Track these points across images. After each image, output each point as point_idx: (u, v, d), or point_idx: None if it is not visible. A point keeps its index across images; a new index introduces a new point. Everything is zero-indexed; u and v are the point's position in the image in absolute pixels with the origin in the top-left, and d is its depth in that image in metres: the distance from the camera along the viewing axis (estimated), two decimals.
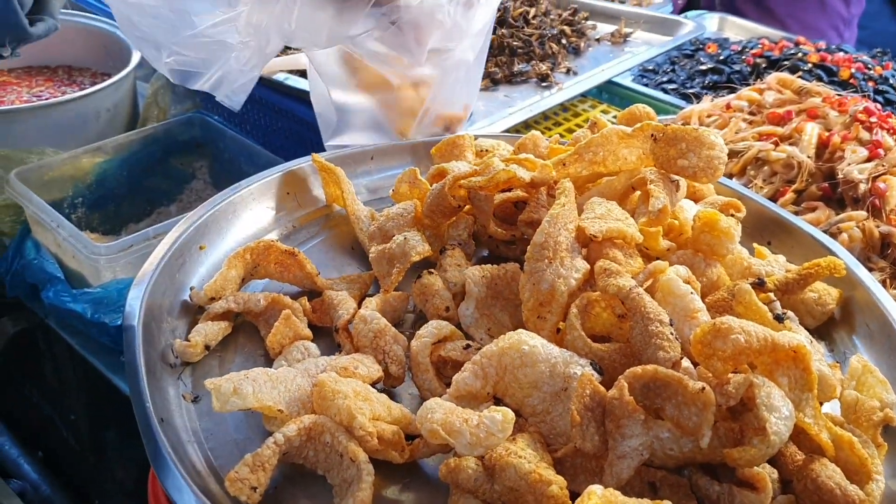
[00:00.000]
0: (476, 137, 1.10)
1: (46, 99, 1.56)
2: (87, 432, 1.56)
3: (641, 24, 1.76)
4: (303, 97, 1.34)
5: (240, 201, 0.96)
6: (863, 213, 1.13)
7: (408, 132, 1.20)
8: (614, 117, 1.70)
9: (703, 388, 0.64)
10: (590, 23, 1.74)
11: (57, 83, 1.64)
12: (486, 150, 1.06)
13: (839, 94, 1.33)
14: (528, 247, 0.82)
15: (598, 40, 1.70)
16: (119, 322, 1.20)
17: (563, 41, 1.59)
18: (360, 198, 1.06)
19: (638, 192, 0.91)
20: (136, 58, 1.54)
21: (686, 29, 1.72)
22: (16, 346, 1.44)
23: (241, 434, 0.72)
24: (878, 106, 1.27)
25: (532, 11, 1.58)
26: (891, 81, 1.75)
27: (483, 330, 0.81)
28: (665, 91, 1.80)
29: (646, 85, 1.82)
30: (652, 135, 0.89)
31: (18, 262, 1.33)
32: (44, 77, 1.66)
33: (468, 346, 0.76)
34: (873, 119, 1.22)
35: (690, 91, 1.79)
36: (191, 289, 0.84)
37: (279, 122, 1.44)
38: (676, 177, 0.89)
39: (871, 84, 1.71)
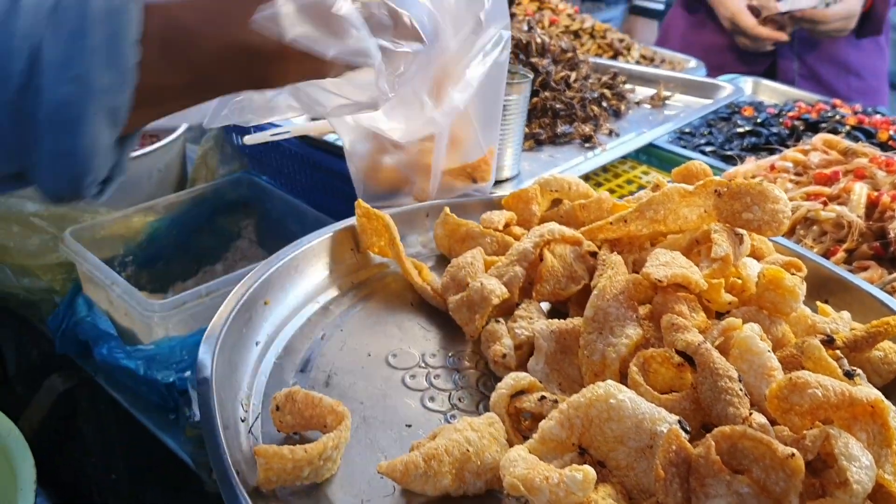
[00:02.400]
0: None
1: None
2: (127, 490, 1.55)
3: (679, 88, 1.78)
4: None
5: (302, 257, 0.97)
6: None
7: (426, 193, 1.21)
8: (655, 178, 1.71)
9: (793, 455, 0.63)
10: (628, 86, 1.77)
11: None
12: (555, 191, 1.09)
13: (886, 155, 1.33)
14: (582, 321, 0.83)
15: (637, 103, 1.72)
16: (171, 379, 1.20)
17: (604, 104, 1.62)
18: (415, 252, 1.08)
19: (702, 248, 0.92)
20: None
21: (725, 92, 1.74)
22: (62, 404, 1.44)
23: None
24: None
25: (573, 75, 1.60)
26: None
27: (555, 385, 0.81)
28: (703, 153, 1.82)
29: (684, 147, 1.83)
30: (716, 190, 0.90)
31: (70, 319, 1.34)
32: None
33: (543, 397, 0.76)
34: None
35: (729, 153, 1.80)
36: None
37: (330, 182, 1.46)
38: (741, 231, 0.90)
39: None
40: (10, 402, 1.27)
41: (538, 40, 1.57)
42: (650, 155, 1.78)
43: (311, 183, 1.53)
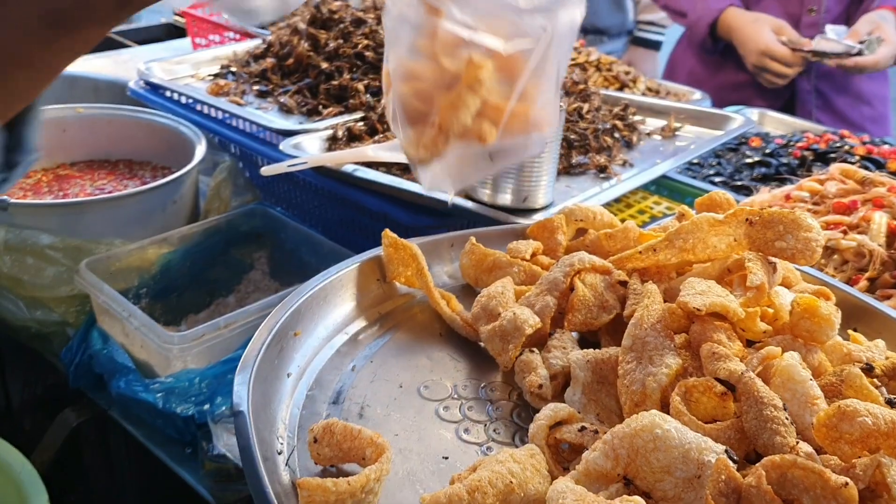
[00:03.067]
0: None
1: (109, 192, 1.59)
2: None
3: (690, 119, 1.79)
4: (371, 188, 1.36)
5: (330, 287, 0.97)
6: None
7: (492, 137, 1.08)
8: (667, 208, 1.72)
9: (846, 484, 0.63)
10: (638, 118, 1.78)
11: (119, 176, 1.67)
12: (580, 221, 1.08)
13: None
14: (620, 351, 0.82)
15: (648, 134, 1.73)
16: (190, 412, 1.19)
17: (616, 135, 1.62)
18: (441, 283, 1.07)
19: (734, 276, 0.91)
20: (199, 152, 1.57)
21: (736, 123, 1.75)
22: (75, 439, 1.42)
23: None
24: None
25: (585, 107, 1.61)
26: None
27: (593, 415, 0.80)
28: (713, 183, 1.82)
29: (693, 177, 1.84)
30: (747, 218, 0.90)
31: (84, 352, 1.33)
32: (105, 171, 1.70)
33: (583, 428, 0.75)
34: None
35: (739, 183, 1.81)
36: None
37: (346, 214, 1.46)
38: (774, 259, 0.90)
39: None
40: (17, 437, 1.25)
41: None
42: (660, 185, 1.79)
43: (327, 215, 1.53)
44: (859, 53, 2.31)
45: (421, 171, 1.00)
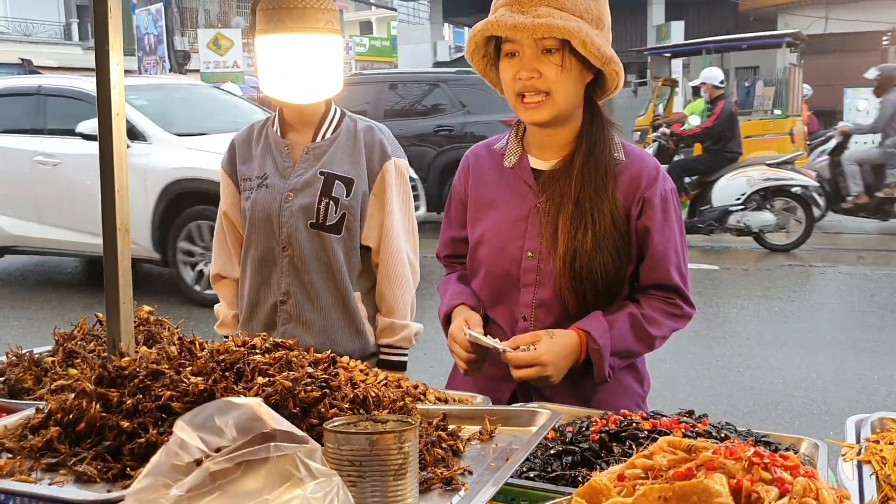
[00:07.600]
0: None
1: None
2: None
3: (501, 419, 1.87)
4: None
5: None
6: None
7: None
8: None
9: None
10: (453, 426, 1.82)
11: None
12: None
13: (724, 445, 1.47)
14: None
15: (469, 440, 1.77)
16: None
17: (444, 445, 1.65)
18: None
19: None
20: None
21: (544, 418, 1.85)
22: None
23: None
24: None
25: None
26: (713, 434, 1.97)
27: None
28: (530, 478, 1.87)
29: (512, 476, 1.88)
30: (660, 496, 0.94)
31: None
32: None
33: None
34: (766, 460, 1.36)
35: (554, 474, 1.87)
36: None
37: None
38: None
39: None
40: None
41: (373, 394, 1.60)
42: None
43: None
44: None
45: None
